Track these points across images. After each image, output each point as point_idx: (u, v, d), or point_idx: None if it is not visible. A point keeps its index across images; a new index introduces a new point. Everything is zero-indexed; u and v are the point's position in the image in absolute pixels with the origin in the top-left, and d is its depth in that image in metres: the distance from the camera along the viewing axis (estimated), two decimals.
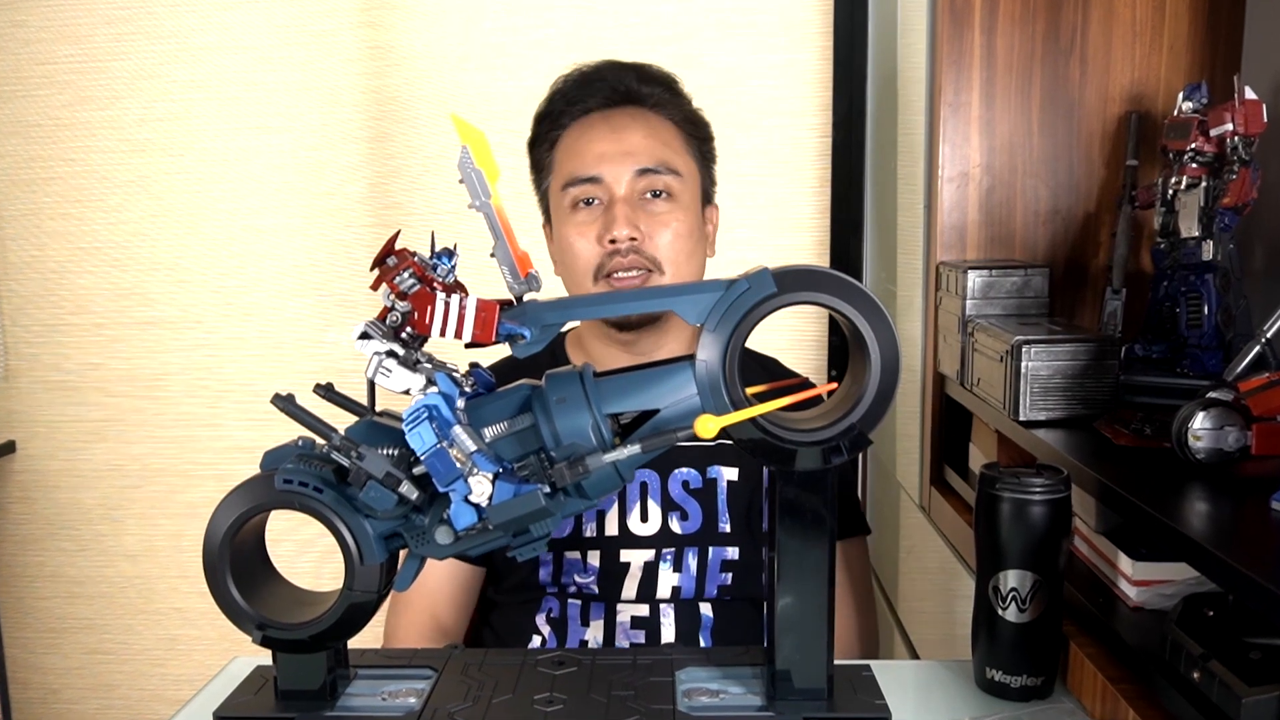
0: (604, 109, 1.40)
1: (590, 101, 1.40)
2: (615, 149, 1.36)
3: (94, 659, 2.65)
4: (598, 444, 0.83)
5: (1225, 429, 0.95)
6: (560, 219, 1.39)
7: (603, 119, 1.39)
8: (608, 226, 1.33)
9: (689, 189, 1.39)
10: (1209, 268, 1.21)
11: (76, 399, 2.54)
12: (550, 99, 1.44)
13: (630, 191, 1.35)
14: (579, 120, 1.40)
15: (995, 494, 0.94)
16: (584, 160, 1.36)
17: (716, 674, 1.00)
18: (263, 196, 2.40)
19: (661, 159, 1.36)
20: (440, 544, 0.85)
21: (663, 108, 1.41)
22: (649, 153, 1.36)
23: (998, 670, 0.96)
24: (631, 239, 1.32)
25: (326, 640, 0.91)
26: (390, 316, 0.82)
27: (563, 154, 1.40)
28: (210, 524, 0.89)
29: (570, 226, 1.36)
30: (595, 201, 1.36)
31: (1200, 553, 0.79)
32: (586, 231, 1.35)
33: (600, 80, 1.41)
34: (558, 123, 1.41)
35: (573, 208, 1.37)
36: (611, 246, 1.33)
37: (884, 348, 0.86)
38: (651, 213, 1.35)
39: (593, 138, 1.38)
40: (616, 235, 1.32)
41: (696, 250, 1.39)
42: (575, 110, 1.40)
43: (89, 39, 2.39)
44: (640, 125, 1.38)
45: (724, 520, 1.36)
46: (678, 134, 1.41)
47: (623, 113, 1.39)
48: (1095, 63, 1.51)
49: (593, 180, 1.35)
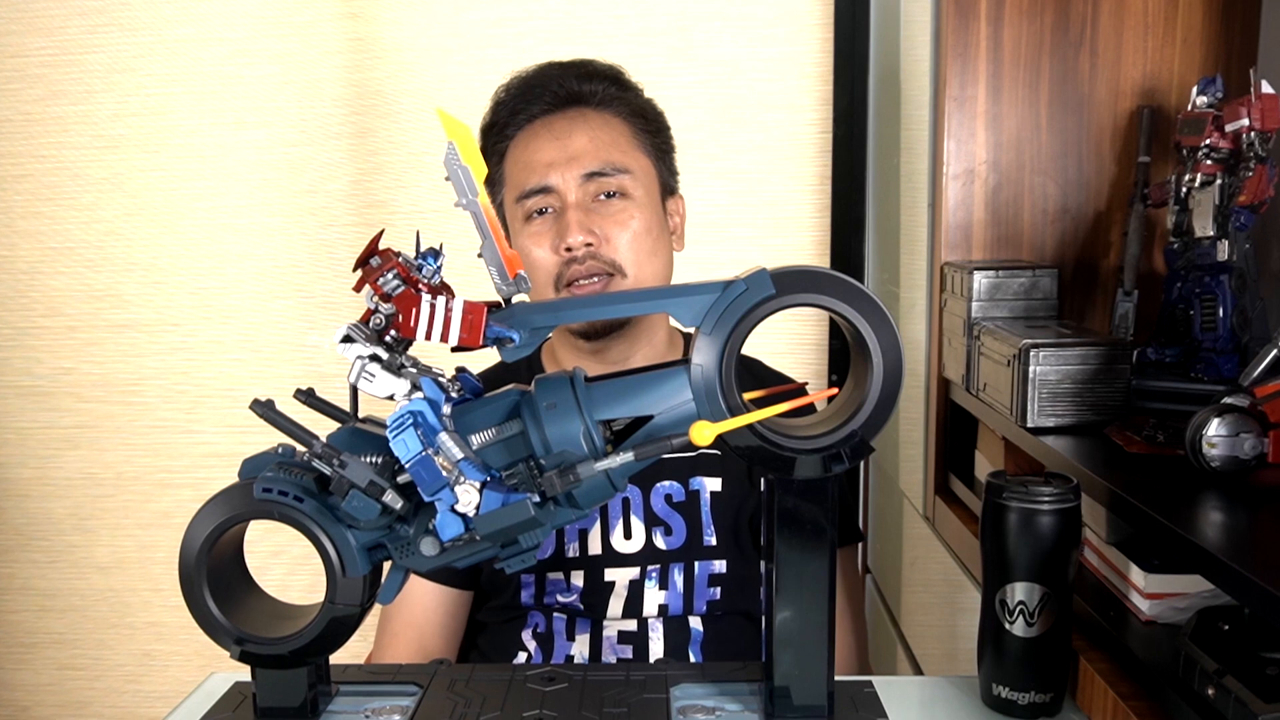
0: (547, 115, 1.41)
1: (534, 108, 1.41)
2: (561, 155, 1.37)
3: (65, 675, 2.64)
4: (589, 451, 0.83)
5: (1241, 436, 0.95)
6: (517, 231, 1.40)
7: (545, 126, 1.40)
8: (561, 235, 1.34)
9: (643, 185, 1.39)
10: (1224, 268, 1.21)
11: (48, 404, 2.53)
12: (494, 110, 1.45)
13: (581, 196, 1.36)
14: (524, 129, 1.41)
15: (1002, 503, 0.94)
16: (532, 170, 1.37)
17: (712, 690, 1.00)
18: (241, 194, 2.40)
19: (608, 160, 1.37)
20: (426, 555, 0.85)
21: (609, 104, 1.42)
22: (594, 155, 1.37)
23: (1005, 687, 0.96)
24: (587, 244, 1.33)
25: (307, 655, 0.91)
26: (374, 319, 0.82)
27: (511, 166, 1.41)
28: (186, 534, 0.89)
29: (526, 238, 1.38)
30: (549, 210, 1.37)
31: (1215, 564, 0.79)
32: (542, 242, 1.36)
33: (541, 85, 1.42)
34: (503, 134, 1.43)
35: (527, 219, 1.38)
36: (568, 254, 1.34)
37: (886, 351, 0.86)
38: (605, 214, 1.36)
39: (538, 147, 1.39)
40: (571, 242, 1.33)
41: (659, 247, 1.40)
42: (519, 119, 1.42)
43: (61, 31, 2.38)
44: (583, 127, 1.39)
45: (709, 533, 1.36)
46: (626, 129, 1.42)
47: (564, 117, 1.40)
48: (1106, 55, 1.51)
49: (544, 190, 1.36)
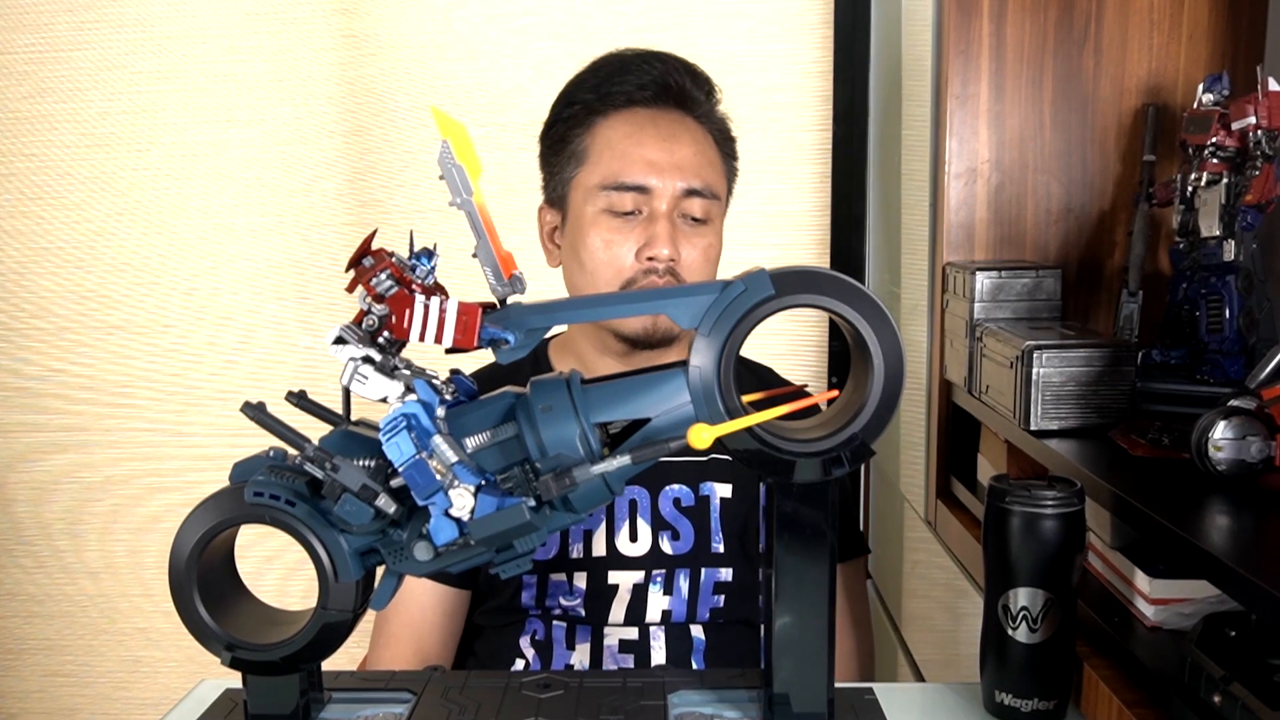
0: (650, 105, 1.35)
1: (636, 92, 1.35)
2: (667, 159, 1.32)
3: (54, 682, 2.64)
4: (585, 455, 0.82)
5: (1248, 439, 0.95)
6: (589, 218, 1.33)
7: (650, 120, 1.34)
8: (650, 242, 1.30)
9: (721, 213, 1.38)
10: (1230, 269, 1.21)
11: (36, 407, 2.53)
12: (590, 74, 1.38)
13: (672, 208, 1.31)
14: (622, 111, 1.35)
15: (1005, 507, 0.94)
16: (632, 164, 1.31)
17: (711, 697, 1.00)
18: (232, 194, 2.40)
19: (708, 181, 1.33)
20: (419, 560, 0.85)
21: (708, 119, 1.38)
22: (698, 172, 1.33)
23: (1007, 693, 0.96)
24: (670, 260, 1.30)
25: (299, 662, 0.91)
26: (367, 320, 0.82)
27: (603, 147, 1.34)
28: (177, 539, 0.89)
29: (601, 230, 1.32)
30: (638, 212, 1.32)
31: (1221, 569, 0.79)
32: (622, 241, 1.31)
33: (649, 69, 1.36)
34: (595, 106, 1.36)
35: (608, 211, 1.32)
36: (649, 263, 1.30)
37: (887, 353, 0.86)
38: (691, 235, 1.33)
39: (643, 140, 1.33)
40: (657, 254, 1.29)
41: (714, 275, 1.37)
42: (618, 96, 1.35)
43: (48, 27, 2.38)
44: (689, 137, 1.35)
45: (717, 540, 1.35)
46: (718, 152, 1.38)
47: (670, 118, 1.35)
48: (1110, 53, 1.51)
49: (639, 189, 1.31)
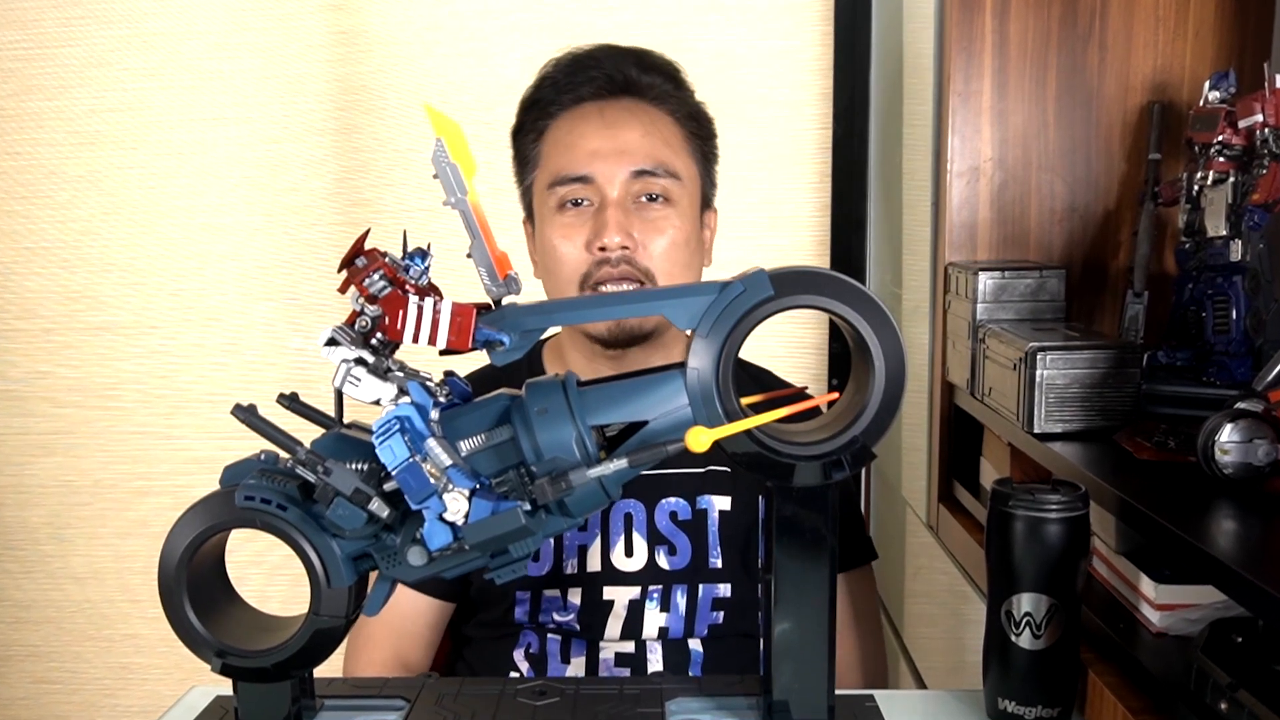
0: (598, 99, 1.35)
1: (583, 90, 1.35)
2: (609, 146, 1.31)
3: (41, 689, 2.64)
4: (581, 458, 0.82)
5: (1255, 442, 0.95)
6: (544, 219, 1.35)
7: (596, 111, 1.35)
8: (598, 232, 1.29)
9: (688, 193, 1.35)
10: (1237, 269, 1.21)
11: (23, 409, 2.52)
12: (539, 84, 1.39)
13: (624, 194, 1.31)
14: (570, 110, 1.36)
15: (1008, 512, 0.94)
16: (574, 157, 1.32)
17: (709, 704, 0.99)
18: (221, 193, 2.40)
19: (660, 160, 1.32)
20: (413, 565, 0.85)
21: (664, 101, 1.37)
22: (646, 152, 1.32)
23: (1011, 701, 0.96)
24: (623, 247, 1.28)
25: (291, 668, 0.91)
26: (359, 321, 0.82)
27: (550, 147, 1.36)
28: (166, 544, 0.89)
29: (555, 228, 1.32)
30: (585, 203, 1.32)
31: (1228, 575, 0.79)
32: (573, 235, 1.31)
33: (596, 66, 1.36)
34: (546, 111, 1.37)
35: (559, 208, 1.33)
36: (601, 254, 1.29)
37: (889, 355, 0.86)
38: (646, 219, 1.31)
39: (584, 131, 1.33)
40: (607, 242, 1.28)
41: (693, 260, 1.36)
42: (566, 99, 1.36)
43: (35, 24, 2.38)
44: (638, 120, 1.34)
45: (715, 555, 1.34)
46: (679, 131, 1.37)
47: (619, 105, 1.35)
48: (1115, 49, 1.52)
49: (583, 180, 1.31)
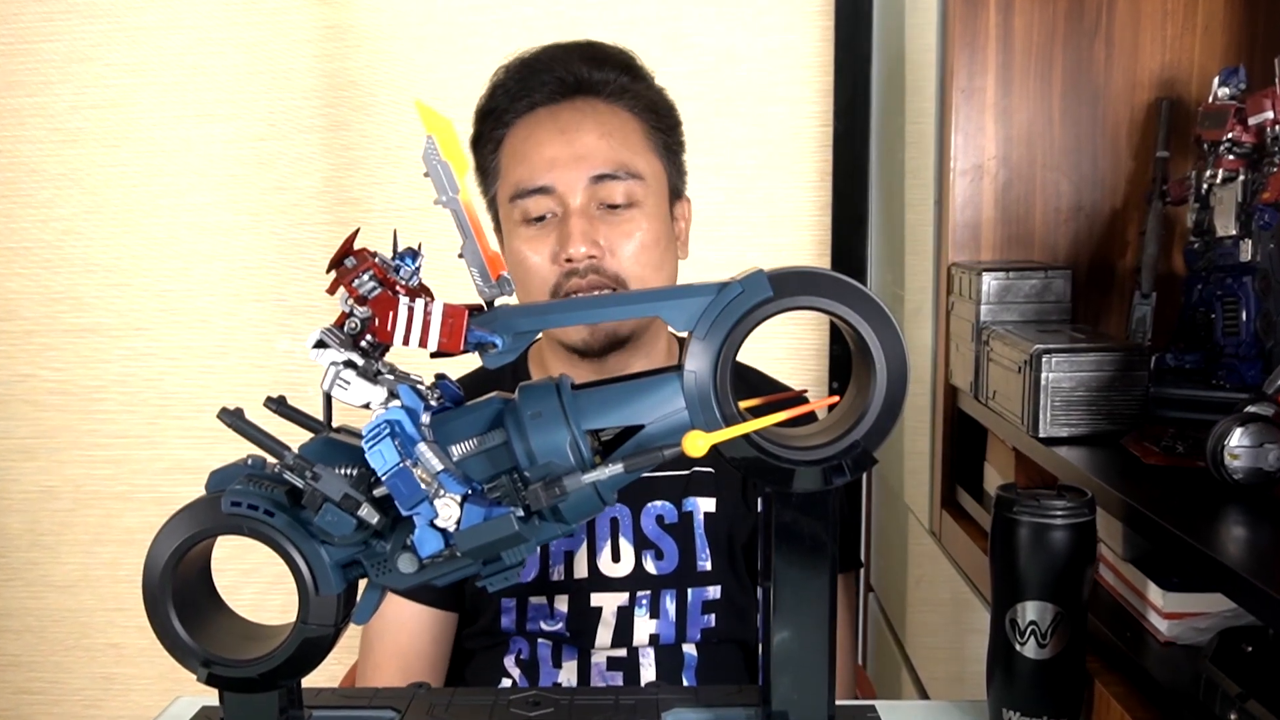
0: (551, 103, 1.35)
1: (536, 95, 1.35)
2: (566, 153, 1.31)
3: (22, 699, 2.63)
4: (576, 463, 0.82)
5: (1265, 446, 0.95)
6: (510, 232, 1.35)
7: (550, 116, 1.34)
8: (562, 244, 1.29)
9: (653, 191, 1.35)
10: (1247, 269, 1.21)
11: (3, 413, 2.52)
12: (491, 93, 1.39)
13: (587, 201, 1.31)
14: (524, 117, 1.36)
15: (1012, 518, 0.94)
16: (532, 167, 1.32)
17: (707, 715, 0.99)
18: (207, 191, 2.39)
19: (620, 162, 1.32)
20: (403, 573, 0.85)
21: (619, 96, 1.37)
22: (605, 155, 1.31)
23: (1015, 711, 0.96)
24: (590, 256, 1.29)
25: (279, 678, 0.91)
26: (349, 323, 0.82)
27: (508, 159, 1.36)
28: (151, 551, 0.88)
29: (521, 242, 1.33)
30: (549, 215, 1.32)
31: (1238, 582, 0.79)
32: (539, 248, 1.31)
33: (546, 69, 1.36)
34: (500, 120, 1.37)
35: (523, 221, 1.33)
36: (568, 265, 1.29)
37: (890, 357, 0.86)
38: (611, 223, 1.31)
39: (540, 140, 1.33)
40: (573, 253, 1.28)
41: (665, 259, 1.36)
42: (519, 105, 1.36)
43: (16, 18, 2.38)
44: (594, 122, 1.33)
45: (703, 557, 1.35)
46: (638, 126, 1.36)
47: (573, 107, 1.35)
48: (1122, 45, 1.52)
49: (543, 191, 1.31)
